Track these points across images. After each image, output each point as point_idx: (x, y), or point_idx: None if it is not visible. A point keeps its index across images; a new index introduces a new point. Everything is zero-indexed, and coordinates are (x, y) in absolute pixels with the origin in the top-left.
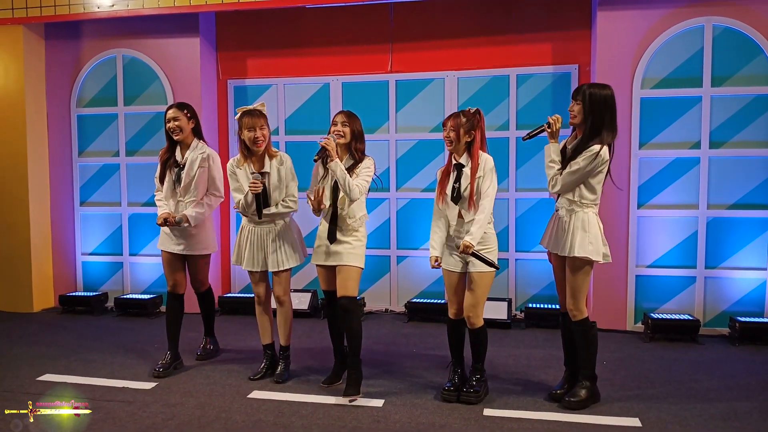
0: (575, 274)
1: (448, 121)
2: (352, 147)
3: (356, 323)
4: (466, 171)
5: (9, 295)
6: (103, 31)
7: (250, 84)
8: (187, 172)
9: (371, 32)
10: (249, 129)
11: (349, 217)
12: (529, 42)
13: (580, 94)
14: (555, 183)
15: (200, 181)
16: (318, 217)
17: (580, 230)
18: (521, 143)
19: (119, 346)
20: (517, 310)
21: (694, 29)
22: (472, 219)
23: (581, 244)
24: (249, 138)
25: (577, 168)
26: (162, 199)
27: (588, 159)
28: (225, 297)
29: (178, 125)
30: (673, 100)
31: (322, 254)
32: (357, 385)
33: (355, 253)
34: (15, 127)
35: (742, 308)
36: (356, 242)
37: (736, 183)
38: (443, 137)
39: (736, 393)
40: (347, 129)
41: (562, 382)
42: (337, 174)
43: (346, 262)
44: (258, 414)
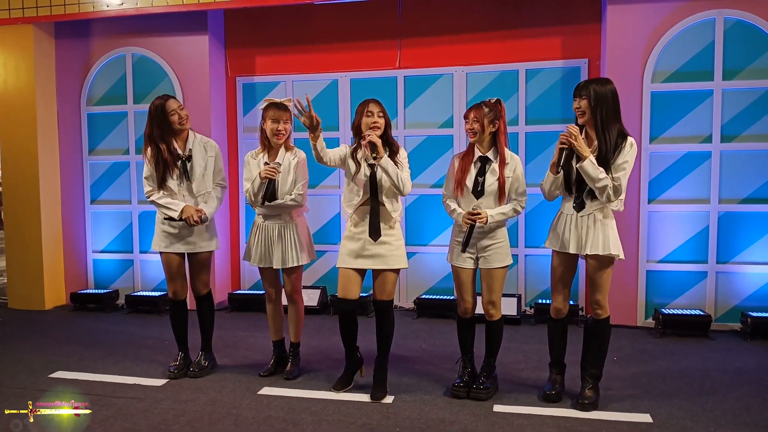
0: (602, 272)
1: (471, 113)
2: (388, 138)
3: (392, 324)
4: (494, 166)
5: (21, 292)
6: (112, 30)
7: (259, 81)
8: (197, 162)
9: (379, 28)
10: (273, 120)
11: (394, 211)
12: (538, 36)
13: (585, 90)
14: (616, 191)
15: (209, 172)
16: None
17: (609, 228)
18: (531, 138)
19: (130, 343)
20: (527, 306)
21: (705, 22)
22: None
23: (614, 241)
24: (271, 129)
25: (629, 167)
26: (167, 196)
27: (633, 153)
28: (235, 294)
29: (187, 114)
30: (684, 94)
31: (357, 257)
32: (385, 387)
33: (398, 254)
34: (26, 125)
35: (754, 303)
36: (397, 242)
37: (748, 177)
38: (467, 129)
39: (747, 388)
40: (382, 120)
41: (551, 384)
42: (389, 170)
43: (392, 266)
44: (268, 410)
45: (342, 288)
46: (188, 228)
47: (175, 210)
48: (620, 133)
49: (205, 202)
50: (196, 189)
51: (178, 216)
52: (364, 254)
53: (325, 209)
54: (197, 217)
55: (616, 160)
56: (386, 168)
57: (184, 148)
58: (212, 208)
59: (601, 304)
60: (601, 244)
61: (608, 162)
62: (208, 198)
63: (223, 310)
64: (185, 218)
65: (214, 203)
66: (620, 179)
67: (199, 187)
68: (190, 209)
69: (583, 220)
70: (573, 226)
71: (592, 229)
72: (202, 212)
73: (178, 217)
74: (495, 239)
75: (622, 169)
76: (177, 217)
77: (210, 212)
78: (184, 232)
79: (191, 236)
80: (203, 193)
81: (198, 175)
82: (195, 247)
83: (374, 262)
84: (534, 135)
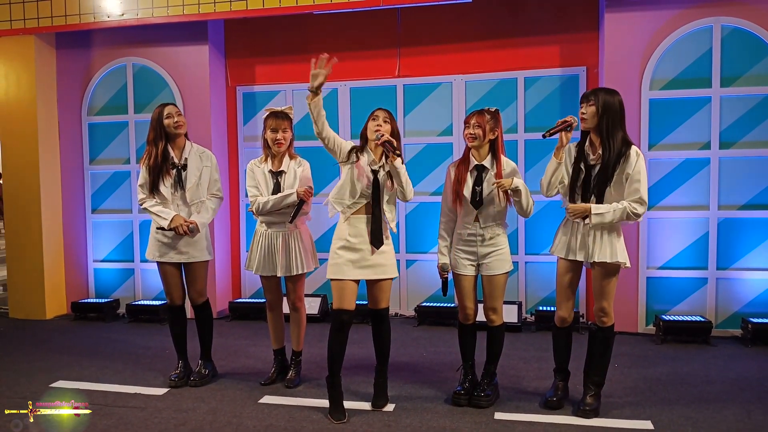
0: (609, 279)
1: (472, 118)
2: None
3: (389, 331)
4: (491, 175)
5: (22, 302)
6: (113, 40)
7: (259, 90)
8: (192, 171)
9: (379, 37)
10: (272, 130)
11: (392, 220)
12: (537, 45)
13: (594, 96)
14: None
15: (204, 181)
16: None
17: (615, 235)
18: (530, 146)
19: (131, 353)
20: (528, 313)
21: (702, 30)
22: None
23: (621, 249)
24: (271, 138)
25: (643, 177)
26: (159, 204)
27: (641, 164)
28: (235, 302)
29: (184, 121)
30: (682, 101)
31: (356, 268)
32: (386, 395)
33: (393, 263)
34: (27, 135)
35: (754, 309)
36: (391, 251)
37: (747, 183)
38: (467, 134)
39: (749, 394)
40: (388, 126)
41: (554, 390)
42: (401, 172)
43: (390, 275)
44: (269, 419)
45: (340, 299)
46: (180, 237)
47: (166, 219)
48: (624, 141)
49: (198, 212)
50: (190, 198)
51: (168, 225)
52: (364, 264)
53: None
54: (186, 227)
55: (625, 171)
56: (399, 169)
57: (180, 156)
58: (205, 218)
59: (607, 311)
60: (609, 252)
61: (609, 170)
62: (201, 208)
63: (224, 319)
64: (174, 227)
65: (208, 214)
66: (639, 191)
67: (192, 196)
68: (180, 219)
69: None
70: (580, 234)
71: (599, 236)
72: (193, 223)
73: (168, 227)
74: (496, 246)
75: (636, 181)
76: (167, 226)
77: (201, 222)
78: (176, 241)
79: (184, 246)
80: (197, 203)
81: (192, 184)
82: (188, 257)
83: (375, 272)
84: (533, 143)
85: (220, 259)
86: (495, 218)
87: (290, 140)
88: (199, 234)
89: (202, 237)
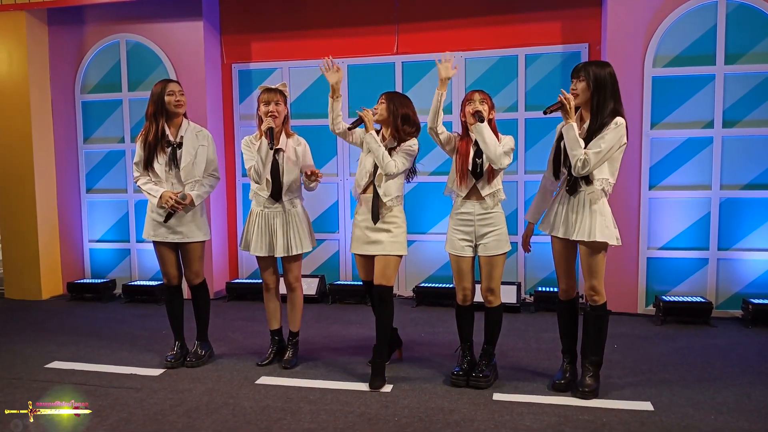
0: (595, 257)
1: (476, 94)
2: (398, 128)
3: (390, 312)
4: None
5: (17, 282)
6: (106, 16)
7: (255, 68)
8: (187, 150)
9: (376, 13)
10: (265, 103)
11: (385, 195)
12: (538, 21)
13: (583, 72)
14: (584, 164)
15: (200, 161)
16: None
17: (598, 214)
18: (530, 125)
19: (127, 333)
20: (527, 294)
21: (706, 6)
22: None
23: (601, 228)
24: (264, 112)
25: (606, 145)
26: (153, 182)
27: (617, 132)
28: (232, 283)
29: (185, 101)
30: (685, 79)
31: (362, 243)
32: (384, 376)
33: (396, 242)
34: (19, 114)
35: (755, 290)
36: (396, 229)
37: (750, 163)
38: (472, 110)
39: (749, 376)
40: (383, 106)
41: (561, 372)
42: (372, 146)
43: (388, 252)
44: (266, 400)
45: (360, 271)
46: (176, 217)
47: (155, 197)
48: (612, 111)
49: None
50: (184, 177)
51: (157, 202)
52: (366, 240)
53: (324, 197)
54: (175, 200)
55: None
56: (369, 143)
57: (176, 134)
58: (200, 192)
59: (597, 289)
60: (588, 230)
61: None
62: (196, 185)
63: (221, 299)
64: (163, 203)
65: (204, 189)
66: (589, 154)
67: (187, 175)
68: (168, 193)
69: (574, 203)
70: (563, 208)
71: (580, 214)
72: (181, 193)
73: (158, 204)
74: (494, 226)
75: (596, 146)
76: (157, 204)
77: (197, 195)
78: (171, 221)
79: (180, 226)
80: (191, 182)
81: (187, 163)
82: (183, 237)
83: (370, 248)
84: (533, 121)
85: (216, 240)
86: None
87: (285, 116)
88: (196, 213)
89: (198, 216)
